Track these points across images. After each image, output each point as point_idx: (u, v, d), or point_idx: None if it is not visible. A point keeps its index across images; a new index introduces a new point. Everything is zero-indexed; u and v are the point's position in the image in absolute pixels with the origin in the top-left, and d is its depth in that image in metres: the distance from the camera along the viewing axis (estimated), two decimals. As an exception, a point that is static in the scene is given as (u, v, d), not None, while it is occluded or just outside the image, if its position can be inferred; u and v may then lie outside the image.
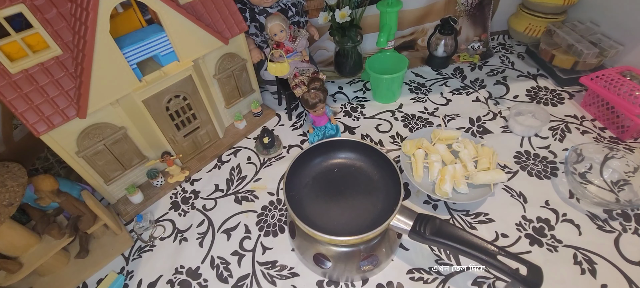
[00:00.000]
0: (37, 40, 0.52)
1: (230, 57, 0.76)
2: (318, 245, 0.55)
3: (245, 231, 0.65)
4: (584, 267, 0.54)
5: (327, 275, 0.56)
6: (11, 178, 0.52)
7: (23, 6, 0.49)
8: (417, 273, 0.56)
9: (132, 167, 0.70)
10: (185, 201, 0.72)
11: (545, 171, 0.69)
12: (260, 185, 0.73)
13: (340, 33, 0.90)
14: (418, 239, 0.50)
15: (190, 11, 0.64)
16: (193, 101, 0.71)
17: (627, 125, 0.71)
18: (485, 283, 0.54)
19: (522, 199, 0.65)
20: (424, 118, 0.84)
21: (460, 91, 0.91)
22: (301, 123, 0.87)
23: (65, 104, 0.55)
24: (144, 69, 0.64)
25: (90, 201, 0.58)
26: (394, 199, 0.53)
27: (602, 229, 0.59)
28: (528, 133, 0.76)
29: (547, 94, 0.86)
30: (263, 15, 0.80)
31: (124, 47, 0.58)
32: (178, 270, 0.61)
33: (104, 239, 0.65)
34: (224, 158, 0.80)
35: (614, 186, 0.64)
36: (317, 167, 0.64)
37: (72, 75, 0.56)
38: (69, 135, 0.58)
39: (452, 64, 1.00)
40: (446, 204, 0.66)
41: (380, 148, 0.66)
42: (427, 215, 0.51)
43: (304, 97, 0.71)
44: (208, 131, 0.79)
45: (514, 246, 0.58)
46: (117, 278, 0.60)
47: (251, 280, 0.58)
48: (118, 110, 0.62)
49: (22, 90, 0.52)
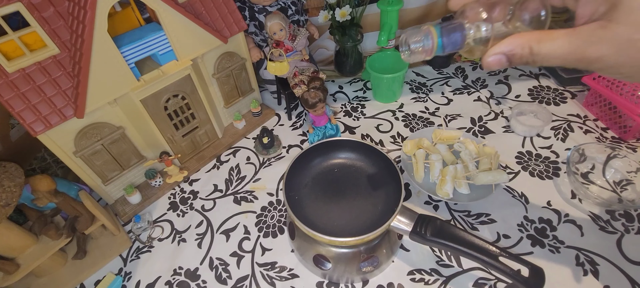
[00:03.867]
0: (35, 39, 0.51)
1: (229, 56, 0.76)
2: (318, 246, 0.55)
3: (245, 232, 0.65)
4: (587, 268, 0.54)
5: (327, 277, 0.56)
6: (8, 178, 0.51)
7: (20, 5, 0.48)
8: (417, 274, 0.56)
9: (130, 167, 0.69)
10: (184, 201, 0.71)
11: (547, 171, 0.68)
12: (259, 186, 0.73)
13: (340, 32, 0.89)
14: (419, 240, 0.49)
15: (189, 10, 0.63)
16: (192, 100, 0.71)
17: (630, 125, 0.70)
18: (486, 284, 0.53)
19: (523, 200, 0.64)
20: (425, 118, 0.84)
21: (462, 91, 0.90)
22: (301, 123, 0.86)
23: (62, 104, 0.55)
24: (142, 68, 0.64)
25: (88, 201, 0.58)
26: (394, 200, 0.53)
27: (605, 230, 0.58)
28: (530, 133, 0.75)
29: (549, 93, 0.86)
30: (262, 13, 0.80)
31: (122, 46, 0.58)
32: (176, 271, 0.60)
33: (101, 240, 0.65)
34: (223, 158, 0.80)
35: (616, 186, 0.63)
36: (317, 167, 0.63)
37: (70, 74, 0.55)
38: (66, 134, 0.58)
39: (454, 63, 1.00)
40: (447, 205, 0.65)
41: (381, 148, 0.65)
42: (428, 216, 0.50)
43: (303, 97, 0.71)
44: (207, 131, 0.78)
45: (515, 247, 0.58)
46: (115, 280, 0.59)
47: (250, 282, 0.57)
48: (116, 109, 0.62)
49: (19, 90, 0.51)
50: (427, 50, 0.30)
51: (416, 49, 0.30)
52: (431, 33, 0.29)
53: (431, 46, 0.29)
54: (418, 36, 0.30)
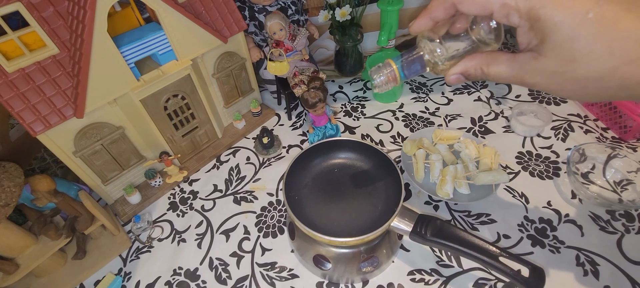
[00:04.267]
0: (34, 38, 0.51)
1: (229, 56, 0.76)
2: (318, 246, 0.55)
3: (244, 232, 0.65)
4: (587, 268, 0.54)
5: (327, 277, 0.56)
6: (7, 178, 0.51)
7: (20, 4, 0.48)
8: (418, 274, 0.56)
9: (130, 167, 0.69)
10: (184, 202, 0.71)
11: (548, 171, 0.68)
12: (259, 186, 0.73)
13: (340, 32, 0.89)
14: (419, 240, 0.49)
15: (189, 9, 0.63)
16: (191, 100, 0.71)
17: (630, 125, 0.70)
18: (486, 284, 0.53)
19: (524, 200, 0.64)
20: (425, 118, 0.83)
21: (462, 91, 0.90)
22: (301, 123, 0.86)
23: (62, 103, 0.55)
24: (142, 68, 0.64)
25: (88, 201, 0.58)
26: (394, 200, 0.52)
27: (605, 230, 0.58)
28: (530, 133, 0.75)
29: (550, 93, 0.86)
30: (262, 13, 0.80)
31: (121, 46, 0.58)
32: (176, 272, 0.60)
33: (101, 240, 0.64)
34: (223, 158, 0.80)
35: (616, 186, 0.63)
36: (317, 167, 0.63)
37: (70, 74, 0.55)
38: (66, 134, 0.58)
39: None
40: (447, 205, 0.65)
41: (381, 148, 0.65)
42: (428, 216, 0.50)
43: (303, 97, 0.71)
44: (207, 131, 0.78)
45: (515, 247, 0.58)
46: (115, 280, 0.59)
47: (250, 282, 0.57)
48: (116, 109, 0.61)
49: (19, 89, 0.51)
50: (391, 81, 0.34)
51: (381, 82, 0.35)
52: (391, 66, 0.33)
53: (394, 77, 0.34)
54: (380, 72, 0.34)
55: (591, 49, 0.23)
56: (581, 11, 0.22)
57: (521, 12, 0.24)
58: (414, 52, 0.32)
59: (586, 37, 0.22)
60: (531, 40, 0.25)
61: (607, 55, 0.22)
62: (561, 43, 0.23)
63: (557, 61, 0.24)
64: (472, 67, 0.29)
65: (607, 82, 0.23)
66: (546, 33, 0.23)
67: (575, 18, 0.22)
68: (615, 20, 0.22)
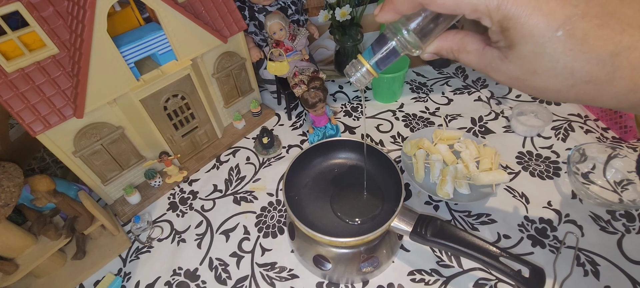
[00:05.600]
0: (34, 38, 0.51)
1: (229, 56, 0.76)
2: (318, 246, 0.54)
3: (244, 232, 0.65)
4: (587, 269, 0.54)
5: (327, 277, 0.56)
6: (7, 178, 0.51)
7: (19, 4, 0.48)
8: (418, 274, 0.56)
9: (130, 167, 0.69)
10: (184, 202, 0.71)
11: (548, 171, 0.68)
12: (259, 186, 0.73)
13: (340, 31, 0.89)
14: (419, 240, 0.49)
15: (189, 9, 0.63)
16: (191, 100, 0.71)
17: (630, 125, 0.70)
18: (487, 285, 0.53)
19: (524, 200, 0.64)
20: (425, 118, 0.83)
21: (462, 90, 0.90)
22: (301, 123, 0.86)
23: (62, 103, 0.55)
24: (142, 68, 0.64)
25: (87, 202, 0.57)
26: (394, 200, 0.52)
27: (605, 230, 0.58)
28: (530, 133, 0.75)
29: (549, 93, 0.86)
30: (262, 13, 0.80)
31: (121, 46, 0.58)
32: (176, 272, 0.60)
33: (101, 240, 0.64)
34: (223, 158, 0.80)
35: (617, 186, 0.63)
36: (317, 167, 0.63)
37: (69, 74, 0.55)
38: (65, 134, 0.58)
39: (454, 63, 1.00)
40: (448, 205, 0.65)
41: (381, 148, 0.65)
42: (428, 216, 0.50)
43: (303, 97, 0.71)
44: (206, 131, 0.78)
45: (516, 247, 0.58)
46: (115, 280, 0.59)
47: (250, 282, 0.57)
48: (115, 109, 0.61)
49: (18, 89, 0.51)
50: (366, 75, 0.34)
51: (357, 80, 0.35)
52: (361, 62, 0.33)
53: (367, 71, 0.34)
54: (353, 68, 0.34)
55: (553, 66, 0.23)
56: (551, 27, 0.22)
57: (493, 20, 0.24)
58: (384, 45, 0.32)
59: (551, 54, 0.23)
60: (501, 40, 0.25)
61: (567, 74, 0.23)
62: (526, 55, 0.24)
63: (520, 69, 0.25)
64: (445, 50, 0.30)
65: (565, 94, 0.25)
66: (514, 42, 0.24)
67: (544, 34, 0.22)
68: (583, 39, 0.22)
